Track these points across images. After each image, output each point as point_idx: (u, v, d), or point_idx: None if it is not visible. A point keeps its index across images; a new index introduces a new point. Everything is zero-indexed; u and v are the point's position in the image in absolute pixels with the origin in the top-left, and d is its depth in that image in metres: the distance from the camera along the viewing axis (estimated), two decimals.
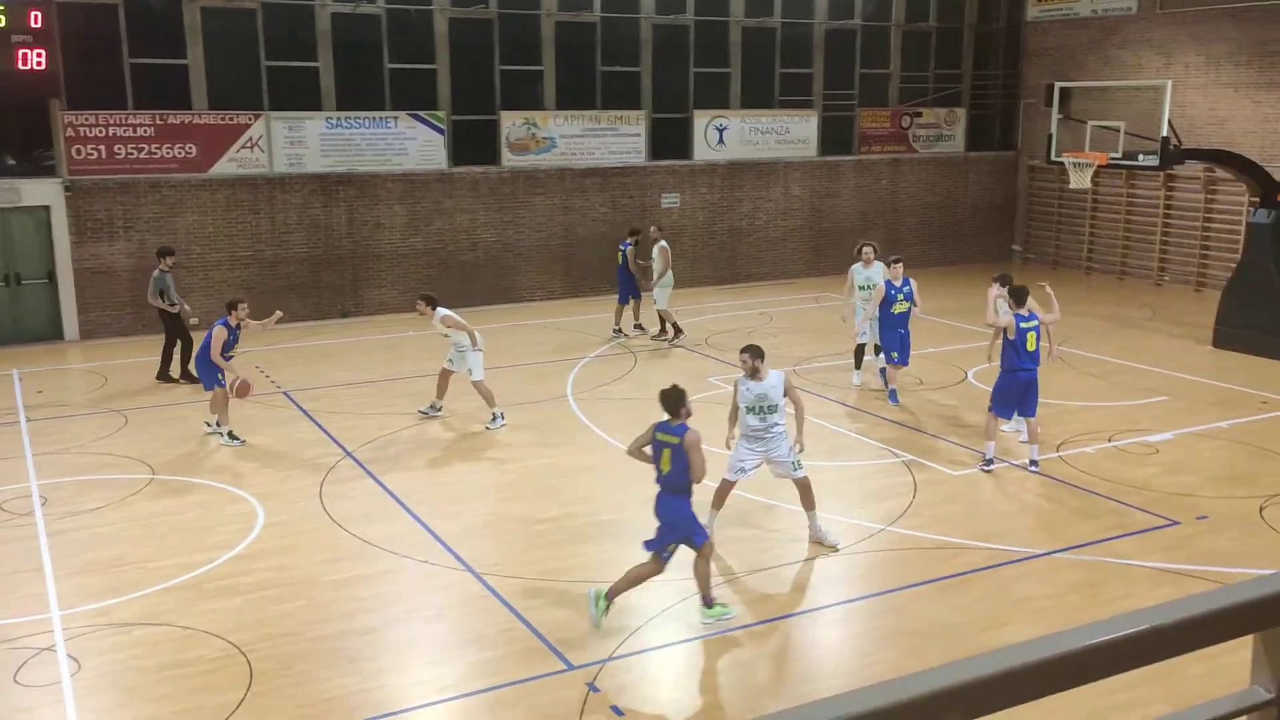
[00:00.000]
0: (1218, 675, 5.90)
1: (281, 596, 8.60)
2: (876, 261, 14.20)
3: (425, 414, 13.28)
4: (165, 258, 15.18)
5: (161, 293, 14.97)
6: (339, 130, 19.53)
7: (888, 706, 1.34)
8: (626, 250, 17.90)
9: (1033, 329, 11.06)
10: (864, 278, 14.19)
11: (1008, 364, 11.15)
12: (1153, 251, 23.02)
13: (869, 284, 14.02)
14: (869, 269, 14.16)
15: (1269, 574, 1.64)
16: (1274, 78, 20.66)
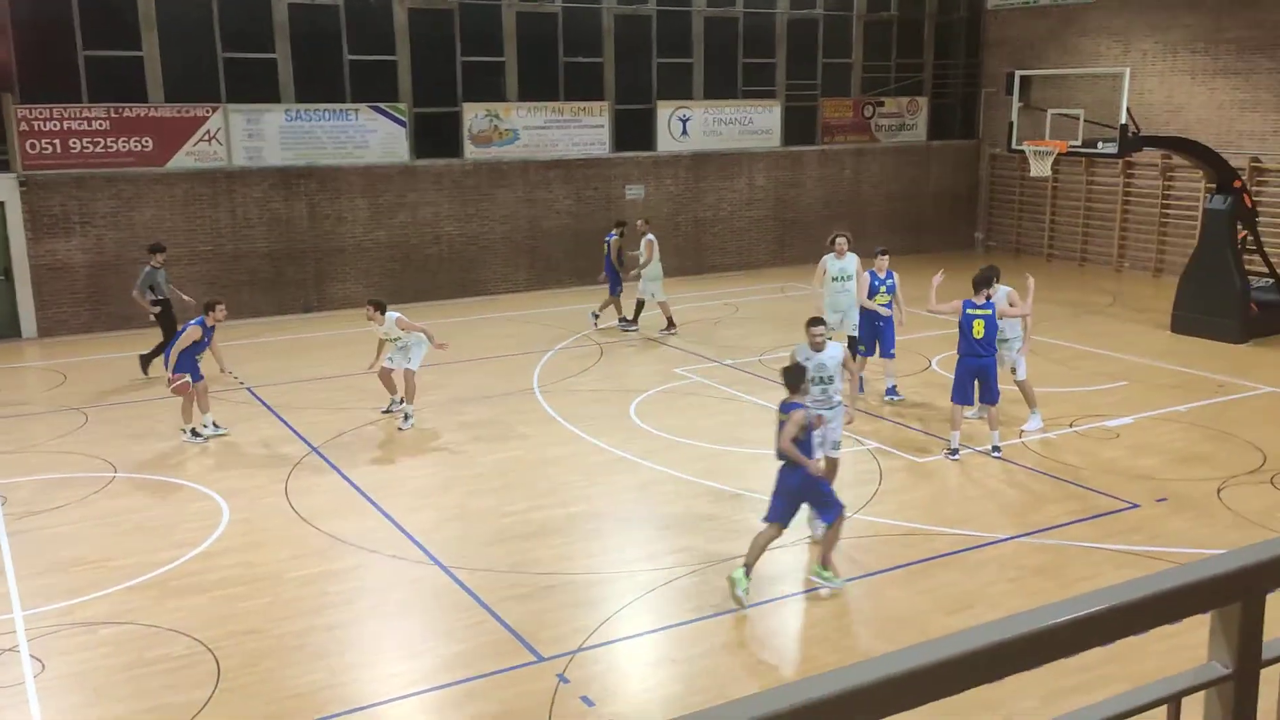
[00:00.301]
0: (1178, 653, 6.00)
1: (247, 593, 8.53)
2: (850, 252, 13.79)
3: (388, 411, 13.12)
4: (156, 254, 15.03)
5: (151, 288, 14.83)
6: (299, 123, 19.34)
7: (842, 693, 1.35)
8: (610, 242, 17.88)
9: (980, 317, 11.16)
10: (838, 269, 13.67)
11: (959, 351, 11.39)
12: (1112, 238, 23.31)
13: (843, 275, 13.56)
14: (842, 260, 13.66)
15: (1223, 553, 1.68)
16: (1229, 64, 20.95)
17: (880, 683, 1.38)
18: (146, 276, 14.86)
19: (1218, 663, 1.70)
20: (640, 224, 17.78)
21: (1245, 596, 1.65)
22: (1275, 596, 1.73)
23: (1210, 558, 1.65)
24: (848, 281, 13.56)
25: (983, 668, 1.45)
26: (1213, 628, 1.71)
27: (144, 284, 14.86)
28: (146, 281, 14.85)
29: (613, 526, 9.95)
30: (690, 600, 8.37)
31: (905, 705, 1.40)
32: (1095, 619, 1.52)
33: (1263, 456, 11.32)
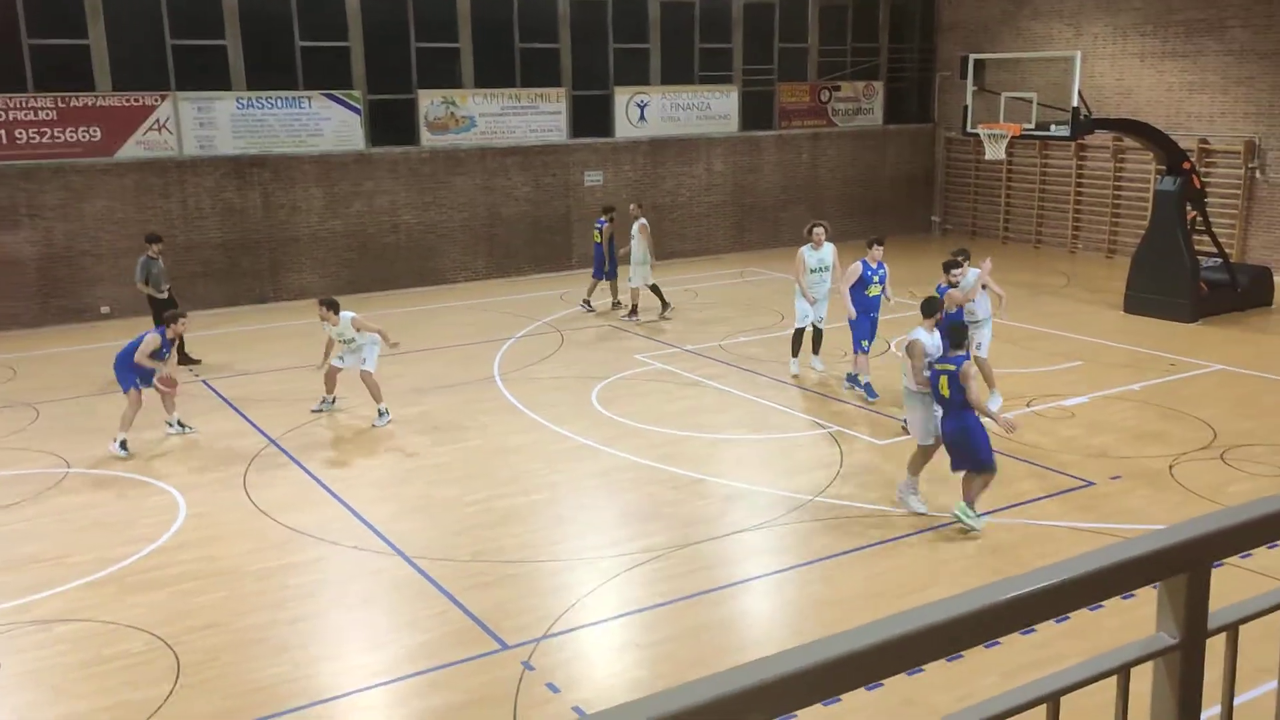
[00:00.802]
0: (1131, 628, 6.11)
1: (207, 588, 8.46)
2: (828, 243, 13.44)
3: (319, 411, 12.73)
4: (152, 244, 14.84)
5: (147, 279, 14.63)
6: (250, 111, 19.08)
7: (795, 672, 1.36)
8: (602, 228, 17.84)
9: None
10: (815, 259, 13.36)
11: None
12: (1066, 220, 23.60)
13: (820, 266, 13.31)
14: (819, 250, 13.36)
15: (1169, 526, 1.71)
16: (1177, 47, 21.24)
17: (836, 661, 1.40)
18: (143, 267, 14.71)
19: (1165, 633, 1.73)
20: (634, 208, 17.75)
21: (1191, 568, 1.69)
22: (1220, 567, 1.77)
23: (1157, 531, 1.68)
24: (825, 272, 13.36)
25: (938, 643, 1.47)
26: (1160, 599, 1.74)
27: (142, 274, 14.71)
28: (143, 272, 14.69)
29: (575, 513, 9.96)
30: (653, 585, 8.40)
31: (861, 682, 1.42)
32: (1046, 593, 1.55)
33: (1213, 433, 11.54)
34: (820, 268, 13.37)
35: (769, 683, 1.34)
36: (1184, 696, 1.76)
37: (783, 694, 1.35)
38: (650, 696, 1.29)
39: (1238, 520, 1.72)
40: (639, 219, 17.23)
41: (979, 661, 6.47)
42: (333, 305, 12.39)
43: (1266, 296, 17.68)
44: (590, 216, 22.31)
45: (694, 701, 1.29)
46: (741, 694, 1.32)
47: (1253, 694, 5.99)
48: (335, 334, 12.40)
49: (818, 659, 1.38)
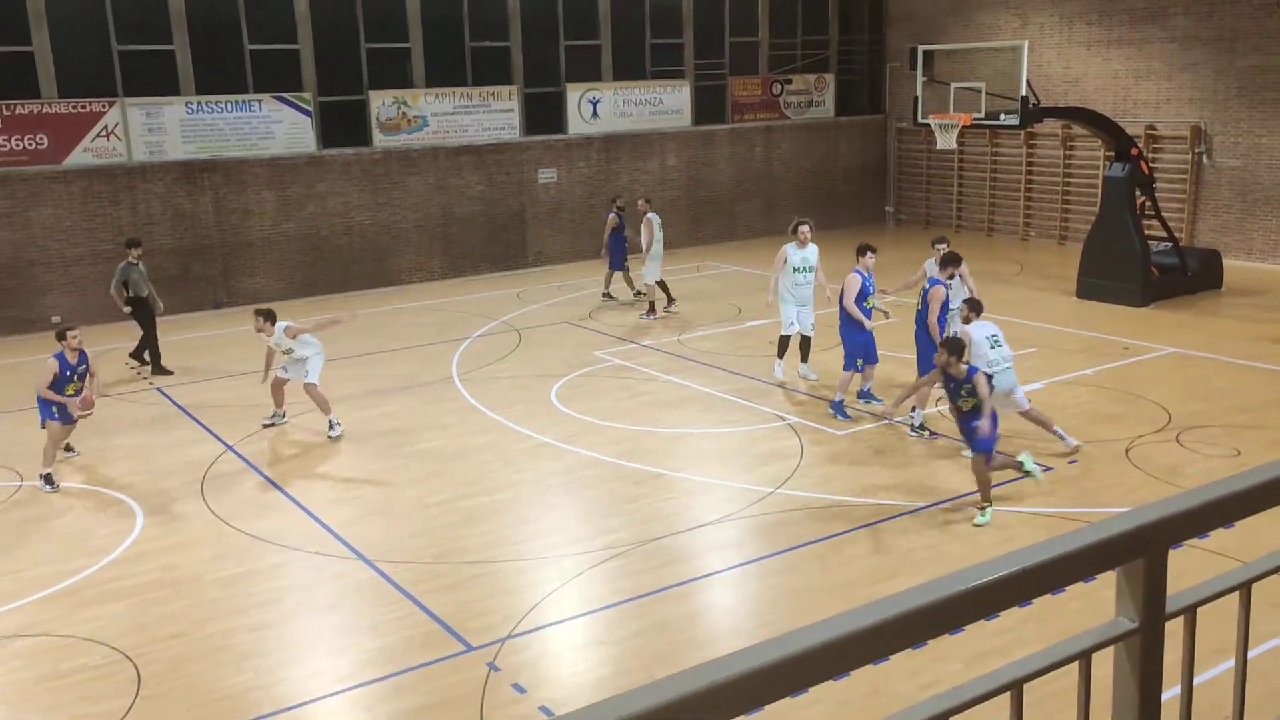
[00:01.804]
0: (1092, 610, 6.20)
1: (167, 598, 8.34)
2: (812, 243, 12.84)
3: (270, 425, 12.34)
4: (131, 249, 14.63)
5: (125, 284, 14.40)
6: (200, 115, 18.82)
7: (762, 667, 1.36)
8: (609, 219, 17.95)
9: None
10: (799, 259, 12.73)
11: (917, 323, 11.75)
12: (1018, 208, 23.87)
13: (805, 265, 12.71)
14: (804, 249, 12.73)
15: (1126, 511, 1.73)
16: (1122, 35, 21.55)
17: (803, 654, 1.40)
18: (121, 272, 14.51)
19: (1124, 618, 1.75)
20: (641, 203, 17.72)
21: (1148, 552, 1.71)
22: (1177, 550, 1.79)
23: (1113, 516, 1.70)
24: (809, 273, 12.74)
25: (904, 634, 1.48)
26: (1119, 584, 1.76)
27: (118, 280, 14.50)
28: (120, 277, 14.47)
29: (538, 512, 9.93)
30: (617, 582, 8.40)
31: (829, 674, 1.42)
32: (1008, 581, 1.56)
33: (1167, 415, 11.72)
34: (804, 267, 12.71)
35: (737, 678, 1.33)
36: (1144, 679, 1.78)
37: (751, 689, 1.35)
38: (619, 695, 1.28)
39: (1191, 504, 1.74)
40: (647, 214, 17.18)
41: (943, 649, 6.53)
42: (269, 316, 11.94)
43: (1216, 279, 17.99)
44: (544, 214, 22.29)
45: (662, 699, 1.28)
46: (710, 690, 1.31)
47: (1211, 674, 6.10)
48: (273, 344, 12.03)
49: (785, 653, 1.38)
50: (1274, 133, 19.53)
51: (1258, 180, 19.88)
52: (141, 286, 14.62)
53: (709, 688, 1.31)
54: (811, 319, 13.09)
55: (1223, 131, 20.27)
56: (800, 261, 12.81)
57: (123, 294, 14.57)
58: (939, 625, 1.49)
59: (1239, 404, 12.05)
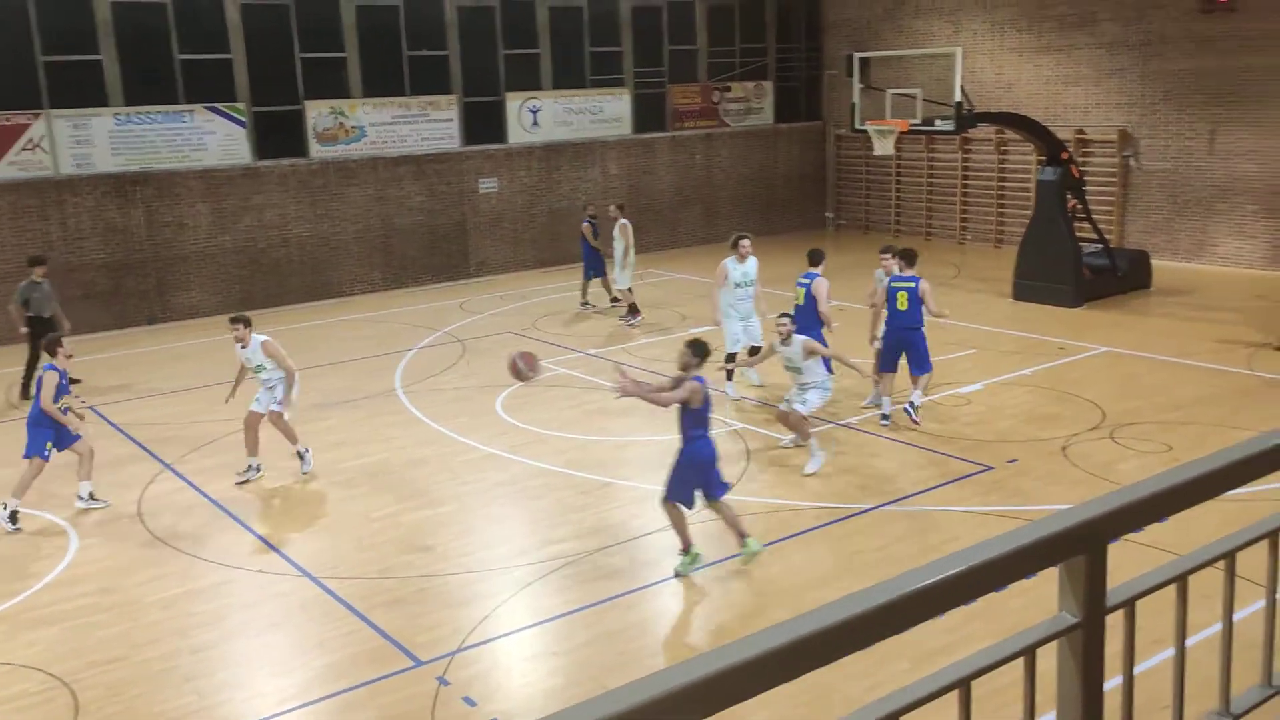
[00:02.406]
0: (1035, 605, 6.29)
1: (106, 621, 8.14)
2: (752, 256, 12.84)
3: (243, 480, 10.92)
4: (35, 267, 14.14)
5: (26, 303, 13.93)
6: (130, 126, 18.46)
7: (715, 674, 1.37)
8: (584, 227, 17.89)
9: (904, 289, 11.71)
10: (740, 273, 12.75)
11: (886, 323, 11.88)
12: (954, 212, 24.25)
13: (745, 280, 12.77)
14: (744, 264, 12.75)
15: (1066, 509, 1.76)
16: (1052, 42, 22.01)
17: (755, 660, 1.40)
18: (21, 291, 14.01)
19: (1067, 613, 1.79)
20: (613, 209, 17.63)
21: (1088, 549, 1.74)
22: (1115, 546, 1.82)
23: (1054, 514, 1.73)
24: (750, 286, 12.80)
25: (854, 637, 1.49)
26: (1061, 580, 1.79)
27: (19, 298, 14.01)
28: (20, 296, 13.98)
29: (485, 524, 9.86)
30: (566, 592, 8.36)
31: (780, 680, 1.43)
32: (953, 581, 1.58)
33: (1102, 413, 11.97)
34: (745, 281, 12.77)
35: (691, 685, 1.34)
36: (1087, 672, 1.82)
37: (702, 697, 1.35)
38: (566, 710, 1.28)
39: (1129, 500, 1.78)
40: (619, 220, 17.14)
41: (890, 649, 6.56)
42: (246, 321, 10.94)
43: (1145, 279, 18.43)
44: (485, 224, 22.19)
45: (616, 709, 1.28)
46: (665, 698, 1.31)
47: (1150, 663, 6.23)
48: (244, 358, 10.88)
49: (737, 660, 1.38)
50: (1199, 136, 20.06)
51: (1185, 182, 20.40)
52: (44, 307, 14.04)
53: (662, 696, 1.31)
54: (759, 329, 13.05)
55: (1150, 135, 20.77)
56: (741, 276, 12.82)
57: (23, 313, 14.00)
58: (889, 628, 1.51)
59: (1169, 401, 12.35)
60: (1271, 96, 19.02)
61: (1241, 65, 19.28)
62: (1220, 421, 11.56)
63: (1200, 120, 20.00)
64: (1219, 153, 19.85)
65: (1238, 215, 19.80)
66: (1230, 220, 19.90)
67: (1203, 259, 20.26)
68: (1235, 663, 2.25)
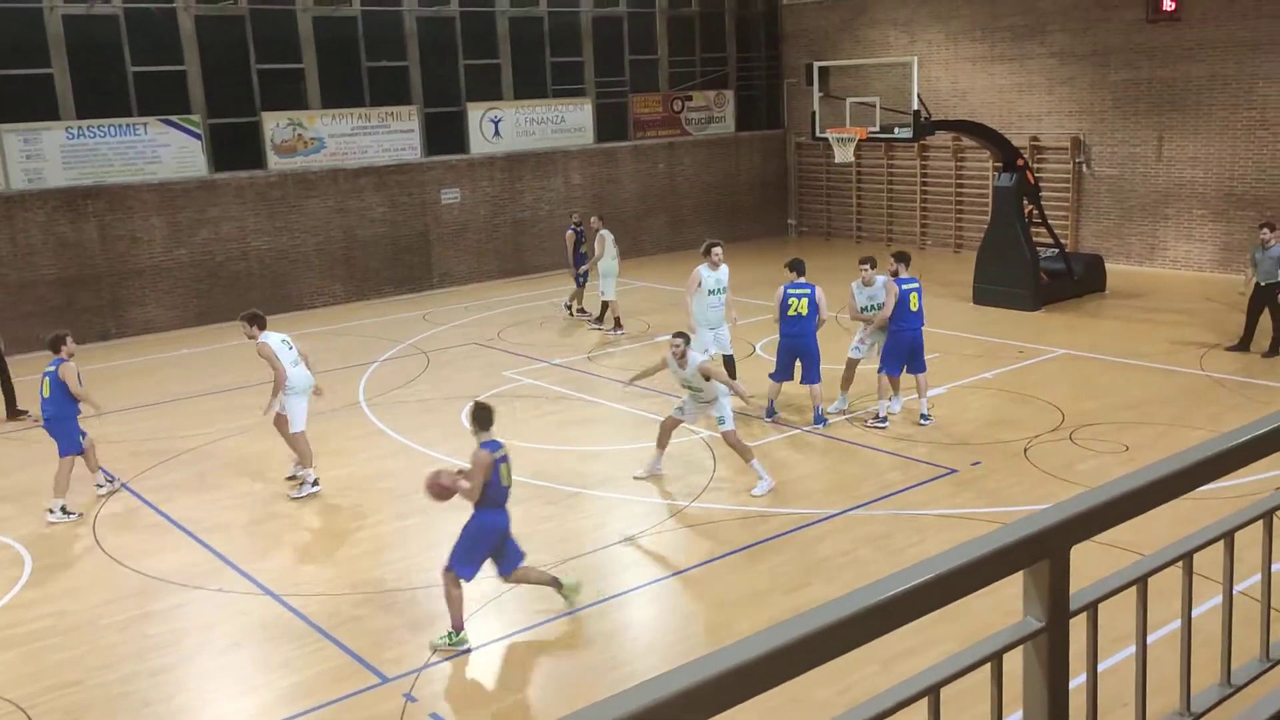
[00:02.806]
0: (1000, 606, 6.34)
1: (61, 644, 7.99)
2: (724, 263, 12.81)
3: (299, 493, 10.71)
4: None
5: None
6: (82, 140, 18.20)
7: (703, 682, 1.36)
8: (567, 234, 17.93)
9: (916, 291, 12.05)
10: (714, 280, 12.73)
11: (892, 325, 12.01)
12: (914, 218, 24.47)
13: (719, 287, 12.72)
14: (717, 271, 12.74)
15: (1029, 515, 1.77)
16: (1005, 51, 22.30)
17: (726, 674, 1.40)
18: None
19: (1032, 618, 1.80)
20: (594, 220, 17.55)
21: (1051, 554, 1.76)
22: (1078, 549, 1.84)
23: (1017, 521, 1.74)
24: (722, 294, 12.77)
25: (825, 647, 1.49)
26: (1025, 585, 1.81)
27: None
28: None
29: (450, 537, 9.76)
30: (534, 605, 8.32)
31: (752, 693, 1.43)
32: (922, 589, 1.59)
33: (1061, 415, 12.11)
34: (718, 289, 12.75)
35: (662, 702, 1.33)
36: (1052, 674, 1.83)
37: (676, 712, 1.34)
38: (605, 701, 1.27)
39: (1089, 505, 1.80)
40: (599, 230, 17.08)
41: (858, 653, 6.59)
42: (250, 319, 10.73)
43: (1100, 283, 18.70)
44: (448, 235, 22.10)
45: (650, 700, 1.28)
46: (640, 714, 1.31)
47: (1112, 662, 6.29)
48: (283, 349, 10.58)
49: (708, 674, 1.38)
50: (1146, 143, 20.40)
51: (1133, 188, 20.73)
52: None
53: (635, 713, 1.30)
54: (729, 337, 13.07)
55: (1100, 142, 21.09)
56: (714, 283, 12.80)
57: None
58: (860, 637, 1.51)
59: (1125, 401, 12.52)
60: (1213, 104, 19.40)
61: (1183, 74, 19.65)
62: (1174, 420, 11.74)
63: (1147, 128, 20.34)
64: (1165, 159, 20.20)
65: (1186, 219, 20.15)
66: (1179, 224, 20.24)
67: (1154, 262, 20.59)
68: (1193, 659, 2.28)
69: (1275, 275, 13.68)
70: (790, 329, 12.03)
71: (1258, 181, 19.14)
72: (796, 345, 12.03)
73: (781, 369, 12.23)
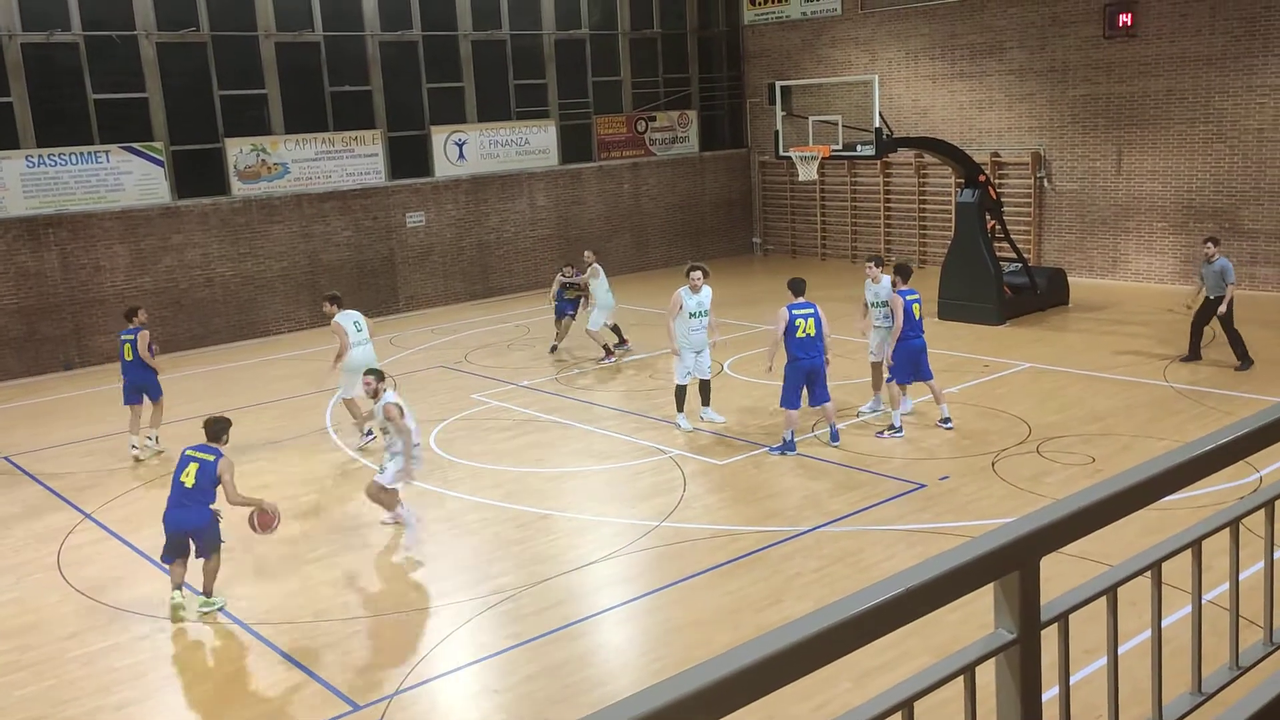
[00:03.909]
0: (972, 619, 6.37)
1: (24, 680, 7.84)
2: (706, 285, 12.73)
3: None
4: None
5: None
6: (42, 169, 18.01)
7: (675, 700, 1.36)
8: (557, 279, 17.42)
9: (918, 300, 12.37)
10: (695, 303, 12.66)
11: (901, 335, 12.20)
12: (878, 234, 24.66)
13: (700, 310, 12.64)
14: (698, 294, 12.66)
15: (998, 528, 1.78)
16: (964, 69, 22.59)
17: (703, 689, 1.39)
18: None
19: (1003, 629, 1.81)
20: (587, 255, 17.18)
21: (1021, 565, 1.76)
22: (1046, 557, 1.85)
23: (987, 533, 1.75)
24: (704, 317, 12.69)
25: (796, 664, 1.49)
26: (996, 597, 1.81)
27: None
28: None
29: (421, 561, 9.71)
30: (507, 627, 8.27)
31: (722, 713, 1.42)
32: (893, 604, 1.59)
33: (1028, 428, 12.21)
34: (699, 312, 12.66)
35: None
36: (1025, 685, 1.84)
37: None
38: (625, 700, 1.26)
39: (1057, 516, 1.81)
40: (591, 264, 16.73)
41: (831, 669, 6.58)
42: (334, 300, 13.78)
43: (1063, 296, 18.91)
44: (414, 258, 22.02)
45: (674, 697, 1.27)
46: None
47: (1084, 673, 6.32)
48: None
49: (681, 692, 1.37)
50: (1106, 157, 20.71)
51: (1093, 202, 21.02)
52: None
53: None
54: (709, 361, 13.01)
55: (1060, 157, 21.38)
56: (695, 306, 12.70)
57: None
58: (831, 652, 1.51)
59: (1090, 413, 12.65)
60: (1170, 119, 19.73)
61: (1141, 90, 19.99)
62: (1138, 431, 11.87)
63: (1106, 142, 20.65)
64: (1125, 173, 20.51)
65: (1146, 232, 20.44)
66: (1139, 237, 20.53)
67: (1116, 275, 20.86)
68: (1165, 668, 2.30)
69: (1220, 289, 13.90)
70: (801, 351, 11.63)
71: (1215, 194, 19.46)
72: (809, 367, 11.68)
73: (793, 394, 11.76)
